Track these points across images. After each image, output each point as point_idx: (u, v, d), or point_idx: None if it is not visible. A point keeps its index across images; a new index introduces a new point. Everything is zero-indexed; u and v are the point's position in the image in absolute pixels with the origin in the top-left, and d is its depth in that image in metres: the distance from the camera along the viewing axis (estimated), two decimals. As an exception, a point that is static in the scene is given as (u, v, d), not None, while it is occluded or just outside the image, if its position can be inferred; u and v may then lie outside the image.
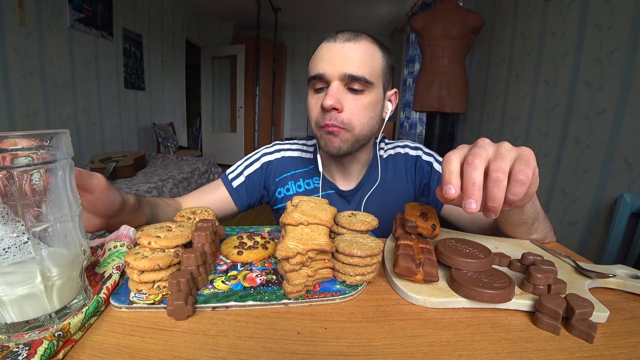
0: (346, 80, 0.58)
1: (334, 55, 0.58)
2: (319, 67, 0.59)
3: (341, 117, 0.58)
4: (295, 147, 0.77)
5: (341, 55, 0.58)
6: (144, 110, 3.57)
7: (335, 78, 0.58)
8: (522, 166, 0.33)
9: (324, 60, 0.59)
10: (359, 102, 0.59)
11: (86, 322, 0.29)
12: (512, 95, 2.09)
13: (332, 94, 0.57)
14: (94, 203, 0.44)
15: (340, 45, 0.58)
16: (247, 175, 0.74)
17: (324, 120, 0.59)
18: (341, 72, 0.57)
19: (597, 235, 1.41)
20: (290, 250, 0.34)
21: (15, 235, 0.26)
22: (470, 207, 0.32)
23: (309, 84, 0.63)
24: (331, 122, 0.58)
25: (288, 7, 4.24)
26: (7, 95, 1.95)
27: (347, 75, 0.57)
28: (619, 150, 1.33)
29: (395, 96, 0.68)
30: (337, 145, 0.60)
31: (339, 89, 0.58)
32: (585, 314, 0.31)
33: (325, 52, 0.59)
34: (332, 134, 0.60)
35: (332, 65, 0.58)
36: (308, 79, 0.63)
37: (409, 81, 4.27)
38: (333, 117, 0.58)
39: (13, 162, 0.25)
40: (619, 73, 1.33)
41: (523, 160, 0.34)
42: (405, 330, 0.31)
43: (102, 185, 0.44)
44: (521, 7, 2.01)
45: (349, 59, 0.57)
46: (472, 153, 0.34)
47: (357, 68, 0.57)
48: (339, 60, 0.58)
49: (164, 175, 2.39)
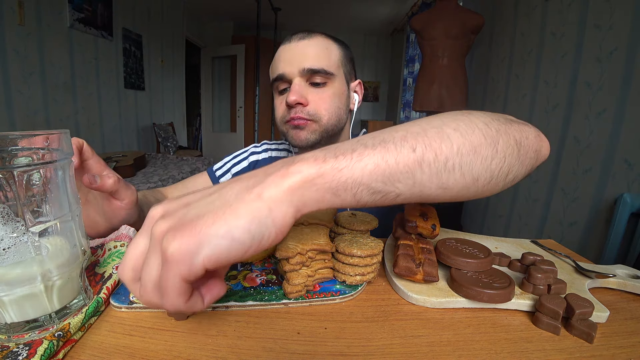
0: (307, 75, 0.59)
1: (291, 54, 0.60)
2: (278, 69, 0.61)
3: (307, 109, 0.60)
4: (283, 147, 0.78)
5: (298, 53, 0.59)
6: (144, 110, 3.57)
7: (295, 75, 0.59)
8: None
9: (282, 61, 0.61)
10: (323, 94, 0.60)
11: (86, 322, 0.29)
12: (512, 95, 2.09)
13: (295, 90, 0.58)
14: (117, 211, 0.44)
15: (296, 44, 0.60)
16: (234, 173, 0.74)
17: (290, 115, 0.60)
18: (300, 67, 0.59)
19: (597, 235, 1.41)
20: (290, 250, 0.34)
21: (15, 235, 0.26)
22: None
23: (272, 88, 0.65)
24: (296, 115, 0.59)
25: (288, 7, 4.24)
26: (7, 95, 1.95)
27: (307, 69, 0.58)
28: (619, 150, 1.33)
29: (360, 87, 0.69)
30: (304, 137, 0.61)
31: (302, 85, 0.59)
32: (585, 314, 0.31)
33: (283, 53, 0.61)
34: (299, 127, 0.61)
35: (290, 64, 0.59)
36: (270, 83, 0.64)
37: (409, 81, 4.27)
38: (299, 110, 0.60)
39: (13, 162, 0.25)
40: (619, 73, 1.33)
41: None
42: (405, 330, 0.31)
43: (132, 199, 0.44)
44: (521, 7, 2.01)
45: (305, 54, 0.59)
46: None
47: (315, 61, 0.59)
48: (296, 58, 0.59)
49: (164, 175, 2.39)
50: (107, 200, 0.43)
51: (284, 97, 0.62)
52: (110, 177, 0.40)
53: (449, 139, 0.26)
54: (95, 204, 0.44)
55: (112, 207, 0.43)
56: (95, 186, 0.38)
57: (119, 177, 0.42)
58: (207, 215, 0.21)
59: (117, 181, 0.41)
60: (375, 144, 0.24)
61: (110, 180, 0.39)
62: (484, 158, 0.27)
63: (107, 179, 0.39)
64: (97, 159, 0.41)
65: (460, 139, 0.26)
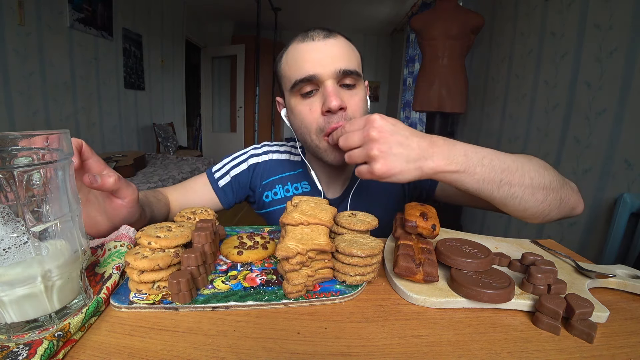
0: (339, 77, 0.54)
1: (320, 54, 0.54)
2: (305, 69, 0.54)
3: (347, 114, 0.55)
4: (284, 149, 0.75)
5: (328, 52, 0.54)
6: (144, 110, 3.57)
7: (328, 77, 0.54)
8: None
9: (309, 61, 0.54)
10: (356, 97, 0.57)
11: (86, 322, 0.29)
12: (512, 95, 2.09)
13: (334, 93, 0.53)
14: (119, 210, 0.44)
15: (322, 43, 0.55)
16: (233, 176, 0.72)
17: (331, 124, 0.54)
18: (334, 69, 0.54)
19: (597, 235, 1.41)
20: (290, 250, 0.34)
21: (15, 235, 0.26)
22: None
23: (290, 90, 0.57)
24: (339, 123, 0.53)
25: (288, 7, 4.24)
26: (7, 95, 1.95)
27: (342, 71, 0.54)
28: (619, 150, 1.33)
29: (367, 89, 0.67)
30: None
31: (336, 87, 0.54)
32: (585, 314, 0.31)
33: (308, 53, 0.55)
34: None
35: (321, 64, 0.54)
36: (292, 85, 0.56)
37: (409, 81, 4.27)
38: (340, 118, 0.54)
39: (13, 162, 0.25)
40: (619, 73, 1.33)
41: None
42: (405, 330, 0.31)
43: (134, 197, 0.44)
44: (521, 7, 2.01)
45: (337, 55, 0.55)
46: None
47: (347, 62, 0.55)
48: (327, 58, 0.54)
49: (164, 175, 2.39)
50: (109, 199, 0.43)
51: (312, 101, 0.56)
52: (111, 175, 0.40)
53: (523, 181, 0.43)
54: (96, 204, 0.44)
55: (114, 206, 0.43)
56: (96, 185, 0.38)
57: (119, 175, 0.42)
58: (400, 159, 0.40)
59: (117, 180, 0.40)
60: (495, 166, 0.42)
61: (110, 179, 0.39)
62: (536, 200, 0.44)
63: (107, 178, 0.39)
64: (97, 159, 0.41)
65: (529, 182, 0.43)
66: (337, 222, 0.43)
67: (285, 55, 0.60)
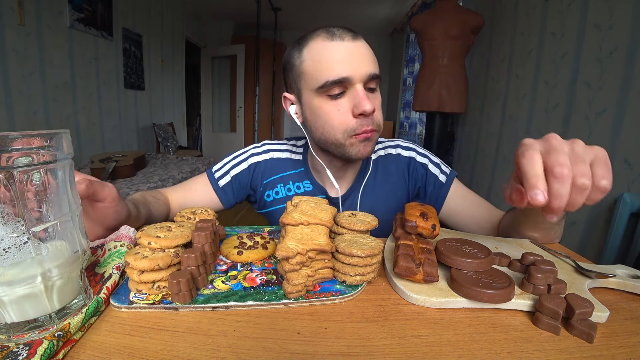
0: (367, 80, 0.54)
1: (350, 55, 0.53)
2: (337, 70, 0.53)
3: (374, 118, 0.56)
4: (285, 148, 0.74)
5: (359, 55, 0.54)
6: (144, 110, 3.57)
7: (359, 80, 0.54)
8: (604, 171, 0.32)
9: (340, 62, 0.53)
10: (378, 101, 0.58)
11: (86, 322, 0.29)
12: (512, 95, 2.09)
13: (366, 97, 0.53)
14: (104, 213, 0.43)
15: (353, 44, 0.54)
16: (233, 176, 0.71)
17: (363, 127, 0.55)
18: (366, 72, 0.53)
19: (597, 235, 1.41)
20: (290, 250, 0.34)
21: (15, 235, 0.26)
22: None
23: (316, 89, 0.55)
24: (369, 127, 0.55)
25: (288, 7, 4.24)
26: (7, 95, 1.95)
27: (371, 74, 0.54)
28: (619, 150, 1.33)
29: None
30: (370, 149, 0.58)
31: (364, 91, 0.54)
32: (585, 314, 0.31)
33: (338, 53, 0.53)
34: (369, 139, 0.56)
35: (352, 67, 0.53)
36: (320, 85, 0.54)
37: (408, 81, 4.27)
38: (370, 121, 0.55)
39: (13, 162, 0.25)
40: (619, 73, 1.33)
41: (602, 164, 0.32)
42: (405, 330, 0.31)
43: (113, 195, 0.43)
44: (521, 7, 2.01)
45: (366, 57, 0.54)
46: (558, 161, 0.31)
47: (375, 66, 0.55)
48: (357, 60, 0.53)
49: (164, 175, 2.39)
50: (90, 206, 0.42)
51: (341, 103, 0.55)
52: (81, 182, 0.39)
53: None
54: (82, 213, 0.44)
55: (98, 210, 0.43)
56: None
57: (90, 180, 0.40)
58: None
59: (89, 185, 0.39)
60: None
61: (81, 187, 0.38)
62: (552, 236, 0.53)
63: (77, 186, 0.38)
64: None
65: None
66: (337, 222, 0.43)
67: (306, 50, 0.56)
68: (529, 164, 0.32)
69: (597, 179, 0.32)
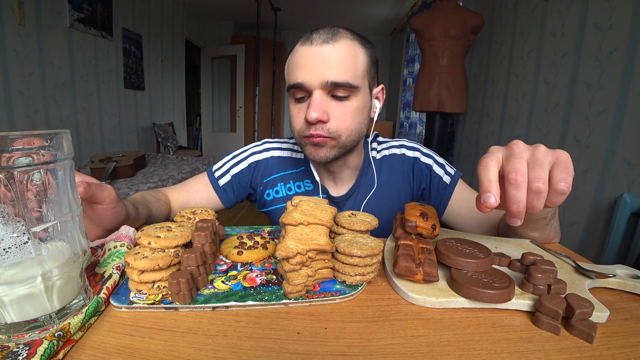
0: (329, 87, 0.53)
1: (312, 61, 0.53)
2: (297, 76, 0.54)
3: (327, 127, 0.55)
4: (286, 147, 0.74)
5: (320, 61, 0.52)
6: (144, 110, 3.57)
7: (316, 87, 0.53)
8: (562, 174, 0.32)
9: (302, 68, 0.54)
10: (345, 109, 0.55)
11: (86, 322, 0.29)
12: (512, 95, 2.09)
13: (316, 105, 0.53)
14: (103, 214, 0.43)
15: (318, 49, 0.53)
16: (233, 175, 0.71)
17: (309, 131, 0.55)
18: (322, 79, 0.52)
19: (597, 235, 1.41)
20: (290, 250, 0.34)
21: (15, 235, 0.26)
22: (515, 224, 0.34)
23: (287, 91, 0.58)
24: (316, 132, 0.55)
25: (288, 7, 4.24)
26: (7, 95, 1.95)
27: (330, 82, 0.52)
28: (619, 150, 1.33)
29: (382, 92, 0.65)
30: (323, 154, 0.57)
31: (323, 98, 0.54)
32: (585, 314, 0.31)
33: (303, 58, 0.54)
34: (318, 144, 0.56)
35: (311, 73, 0.53)
36: (287, 88, 0.58)
37: (408, 81, 4.27)
38: (319, 127, 0.55)
39: (14, 162, 0.25)
40: (619, 73, 1.33)
41: (562, 167, 0.32)
42: (405, 330, 0.31)
43: (111, 197, 0.43)
44: (521, 7, 2.01)
45: (329, 64, 0.52)
46: (513, 168, 0.33)
47: (339, 74, 0.52)
48: (318, 67, 0.52)
49: (164, 175, 2.39)
50: (89, 208, 0.42)
51: (302, 107, 0.57)
52: (79, 185, 0.38)
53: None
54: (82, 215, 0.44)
55: (97, 212, 0.43)
56: None
57: (88, 182, 0.40)
58: None
59: (87, 187, 0.39)
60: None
61: (79, 189, 0.38)
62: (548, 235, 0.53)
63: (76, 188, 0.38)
64: None
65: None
66: (337, 222, 0.43)
67: (290, 55, 0.59)
68: (483, 170, 0.34)
69: (555, 181, 0.32)
